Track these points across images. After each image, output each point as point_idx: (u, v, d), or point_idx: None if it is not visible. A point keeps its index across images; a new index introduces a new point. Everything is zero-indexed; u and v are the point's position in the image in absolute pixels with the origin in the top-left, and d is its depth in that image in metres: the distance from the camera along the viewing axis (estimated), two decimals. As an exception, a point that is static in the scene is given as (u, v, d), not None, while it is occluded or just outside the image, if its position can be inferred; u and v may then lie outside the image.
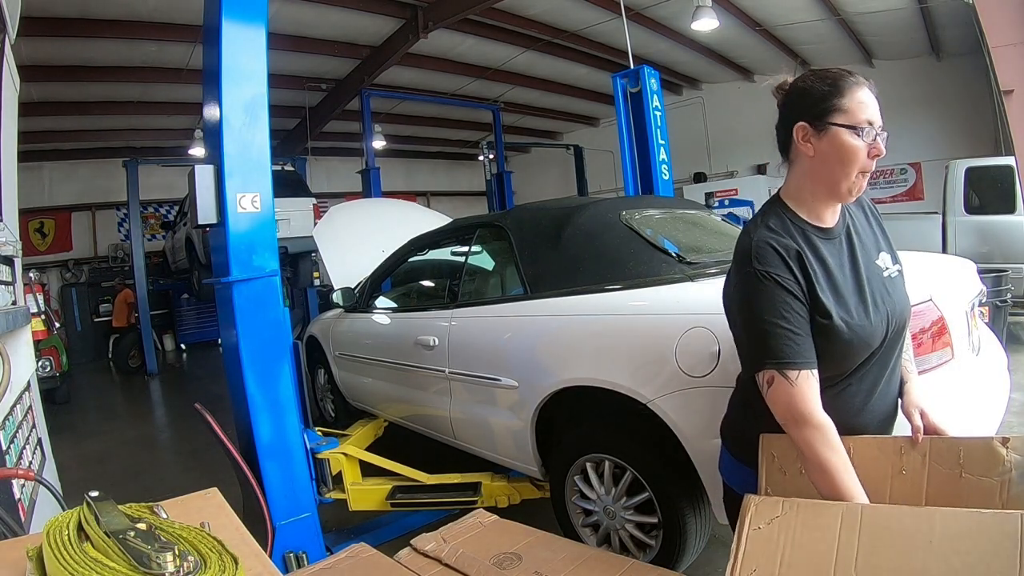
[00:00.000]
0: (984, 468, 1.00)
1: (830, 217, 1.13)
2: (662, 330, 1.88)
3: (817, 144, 1.09)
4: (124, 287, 9.87)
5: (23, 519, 1.59)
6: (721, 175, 11.71)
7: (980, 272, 2.45)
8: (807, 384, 1.01)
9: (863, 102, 1.06)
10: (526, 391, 2.34)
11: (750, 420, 1.17)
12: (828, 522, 0.94)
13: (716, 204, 9.68)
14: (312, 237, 4.94)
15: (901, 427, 1.18)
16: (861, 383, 1.12)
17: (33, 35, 5.78)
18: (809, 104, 1.10)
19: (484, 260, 3.04)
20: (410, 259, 3.40)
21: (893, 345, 1.13)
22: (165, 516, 0.89)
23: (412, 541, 1.33)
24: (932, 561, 0.85)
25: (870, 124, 1.05)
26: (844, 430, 1.11)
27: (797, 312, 1.04)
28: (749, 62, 10.25)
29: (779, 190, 1.19)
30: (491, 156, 11.26)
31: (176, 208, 10.01)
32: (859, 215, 1.20)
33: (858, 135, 1.05)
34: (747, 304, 1.08)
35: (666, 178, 4.85)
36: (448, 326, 2.77)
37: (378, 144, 9.63)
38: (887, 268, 1.16)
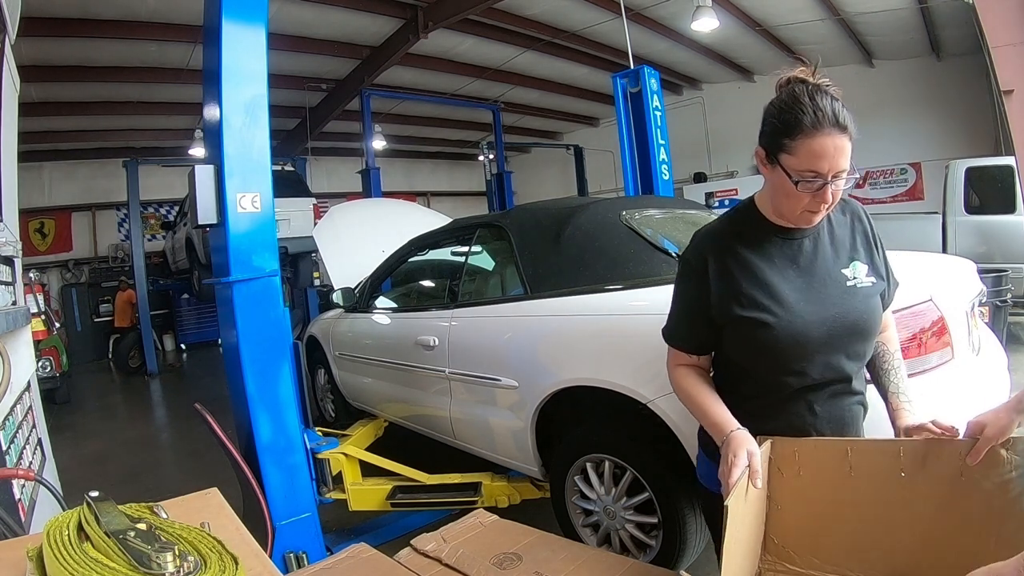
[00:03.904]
0: (984, 469, 1.00)
1: None
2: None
3: (768, 172, 1.10)
4: (127, 287, 9.86)
5: (23, 519, 1.59)
6: (721, 175, 11.71)
7: (980, 272, 2.44)
8: (673, 352, 1.27)
9: (812, 153, 1.01)
10: (526, 391, 2.34)
11: None
12: None
13: (716, 204, 9.68)
14: (312, 237, 4.95)
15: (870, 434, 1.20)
16: (809, 386, 1.13)
17: (33, 35, 5.78)
18: (766, 132, 1.09)
19: (484, 260, 3.04)
20: (410, 259, 3.40)
21: (840, 348, 1.12)
22: (165, 516, 0.89)
23: (412, 541, 1.32)
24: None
25: (817, 174, 1.02)
26: (794, 433, 1.14)
27: (693, 299, 1.19)
28: (749, 62, 10.25)
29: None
30: (491, 156, 11.26)
31: (176, 208, 10.01)
32: (842, 223, 1.20)
33: (797, 185, 1.04)
34: (675, 282, 1.26)
35: (666, 178, 4.86)
36: (448, 326, 2.77)
37: (378, 144, 9.63)
38: (855, 278, 1.14)
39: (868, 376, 1.25)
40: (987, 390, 1.94)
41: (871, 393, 1.23)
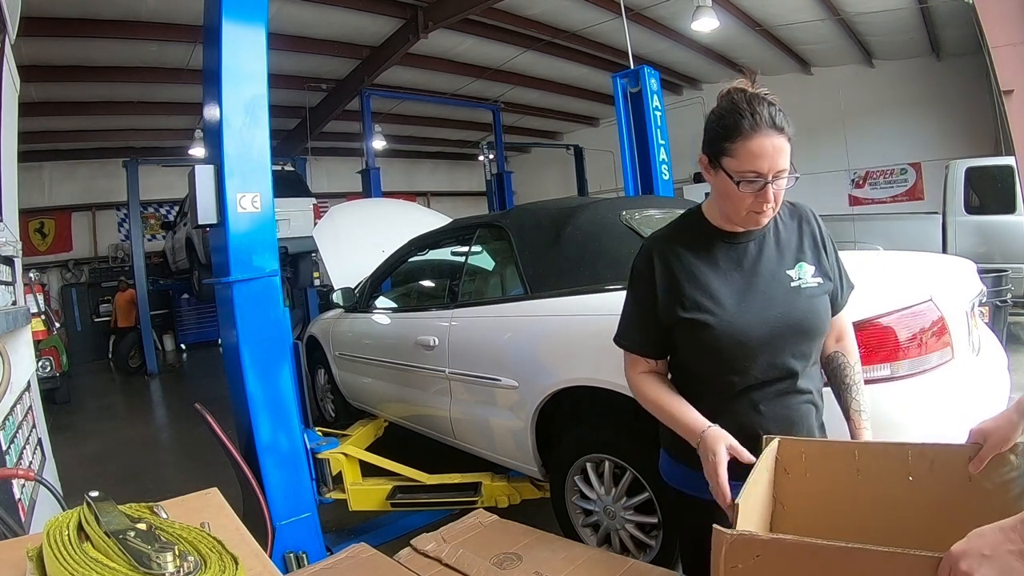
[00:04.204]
0: (988, 473, 0.99)
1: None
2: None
3: (712, 178, 1.15)
4: (127, 287, 9.76)
5: (23, 519, 1.59)
6: (721, 175, 11.70)
7: (980, 272, 2.45)
8: (629, 358, 1.30)
9: (752, 153, 1.06)
10: (526, 391, 2.34)
11: None
12: (816, 568, 0.83)
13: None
14: (312, 237, 4.95)
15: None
16: (754, 385, 1.16)
17: (33, 35, 5.77)
18: (708, 139, 1.14)
19: (484, 260, 3.04)
20: (410, 259, 3.40)
21: (783, 347, 1.15)
22: (165, 516, 0.89)
23: (412, 541, 1.33)
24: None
25: (758, 174, 1.06)
26: (741, 431, 1.13)
27: (643, 303, 1.23)
28: (749, 62, 10.23)
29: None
30: (491, 156, 11.26)
31: (176, 208, 10.01)
32: (790, 226, 1.23)
33: (739, 186, 1.08)
34: (627, 288, 1.29)
35: (666, 178, 4.85)
36: (448, 326, 2.77)
37: (378, 144, 9.63)
38: (800, 279, 1.17)
39: (826, 378, 1.27)
40: (987, 390, 1.95)
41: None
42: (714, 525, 0.86)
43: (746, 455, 1.05)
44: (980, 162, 6.21)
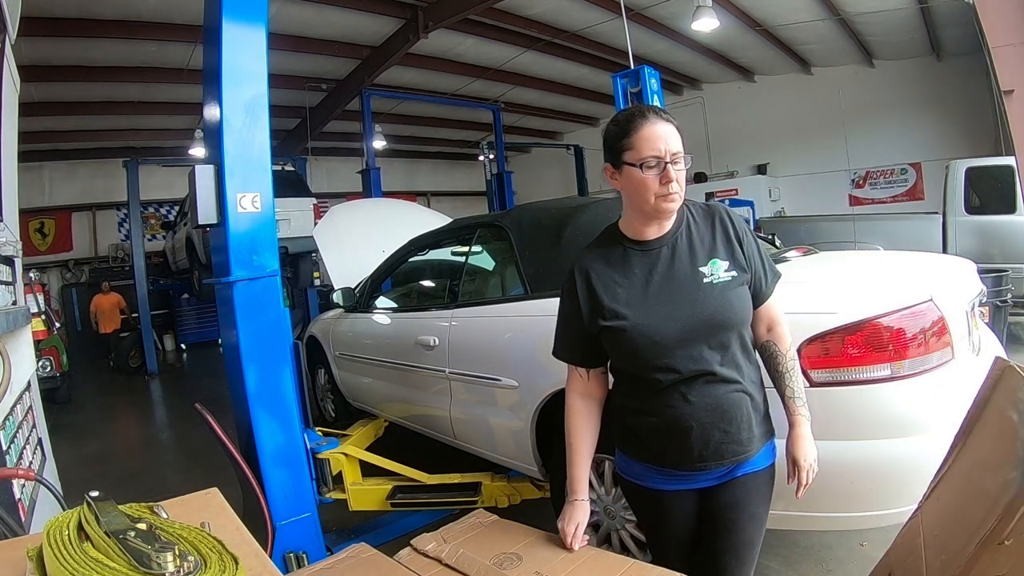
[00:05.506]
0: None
1: (653, 232, 1.29)
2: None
3: (620, 180, 1.27)
4: (112, 290, 9.47)
5: (23, 519, 1.59)
6: (721, 175, 11.70)
7: (980, 272, 2.45)
8: (568, 372, 1.46)
9: (647, 138, 1.19)
10: (526, 391, 2.33)
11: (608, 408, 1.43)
12: None
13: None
14: (312, 237, 4.95)
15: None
16: (679, 379, 1.23)
17: (33, 35, 5.78)
18: (607, 148, 1.27)
19: (484, 260, 3.04)
20: (410, 259, 3.40)
21: (699, 341, 1.22)
22: (165, 516, 0.89)
23: (412, 541, 1.33)
24: None
25: (656, 156, 1.19)
26: (672, 424, 1.25)
27: (569, 318, 1.37)
28: (749, 62, 10.24)
29: None
30: (491, 156, 11.26)
31: (176, 208, 10.01)
32: (703, 225, 1.31)
33: (642, 170, 1.20)
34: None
35: (666, 178, 4.84)
36: (448, 326, 2.77)
37: (378, 144, 9.62)
38: (712, 275, 1.25)
39: (765, 370, 1.35)
40: (987, 390, 1.94)
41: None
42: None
43: (576, 541, 1.31)
44: (980, 162, 6.21)
